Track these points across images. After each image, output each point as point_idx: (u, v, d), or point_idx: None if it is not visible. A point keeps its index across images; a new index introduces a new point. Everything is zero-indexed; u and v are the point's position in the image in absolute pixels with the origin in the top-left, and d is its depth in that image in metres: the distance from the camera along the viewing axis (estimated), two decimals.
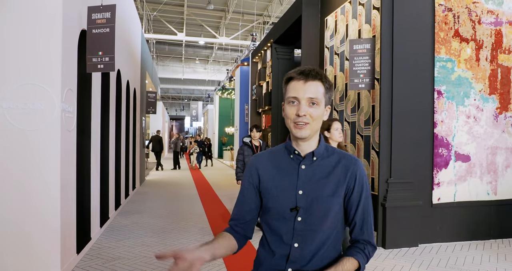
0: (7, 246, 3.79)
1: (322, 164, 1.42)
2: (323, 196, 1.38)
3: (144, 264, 4.51)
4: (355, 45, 5.74)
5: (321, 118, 1.39)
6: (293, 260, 1.38)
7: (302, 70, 1.37)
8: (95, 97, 5.39)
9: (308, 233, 1.38)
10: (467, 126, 5.54)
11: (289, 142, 1.46)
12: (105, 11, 4.51)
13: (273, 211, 1.42)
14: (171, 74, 32.79)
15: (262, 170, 1.46)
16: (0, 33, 3.79)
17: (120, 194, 7.86)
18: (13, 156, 3.81)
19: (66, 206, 4.15)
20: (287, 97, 1.37)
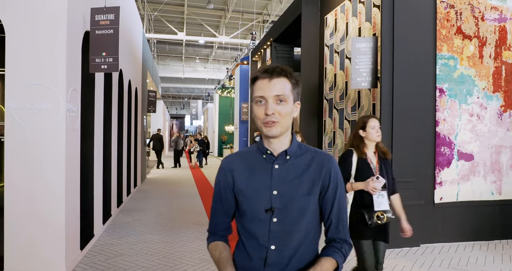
0: (13, 241, 3.86)
1: (295, 163, 1.39)
2: (298, 195, 1.35)
3: (145, 261, 4.54)
4: (358, 43, 5.73)
5: (290, 115, 1.36)
6: (271, 263, 1.34)
7: (266, 69, 1.35)
8: (98, 97, 5.44)
9: (284, 234, 1.34)
10: (470, 124, 5.50)
11: (261, 141, 1.42)
12: (108, 13, 4.56)
13: (248, 213, 1.39)
14: (172, 73, 32.83)
15: (236, 172, 1.42)
16: (7, 36, 3.87)
17: (122, 191, 7.89)
18: (20, 154, 3.88)
19: (71, 203, 4.20)
20: (254, 97, 1.34)
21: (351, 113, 6.85)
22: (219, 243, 1.45)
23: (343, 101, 7.21)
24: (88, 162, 5.14)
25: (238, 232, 1.46)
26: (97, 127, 5.40)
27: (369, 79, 5.67)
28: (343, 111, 7.20)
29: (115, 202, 7.12)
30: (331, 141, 7.74)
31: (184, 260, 4.55)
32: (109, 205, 6.53)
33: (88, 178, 5.13)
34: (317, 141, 8.47)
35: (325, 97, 8.06)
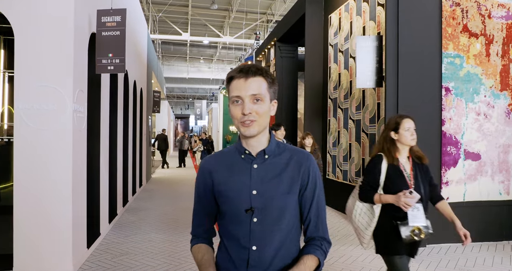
0: (22, 240, 3.90)
1: (274, 162, 1.38)
2: (278, 194, 1.34)
3: (150, 260, 4.57)
4: (362, 42, 5.72)
5: (267, 114, 1.35)
6: (253, 264, 1.33)
7: (241, 68, 1.34)
8: (104, 98, 5.49)
9: (265, 234, 1.33)
10: (477, 123, 5.44)
11: (240, 142, 1.41)
12: (115, 15, 4.62)
13: (229, 214, 1.38)
14: (176, 73, 32.89)
15: (215, 173, 1.41)
16: (16, 39, 3.92)
17: (127, 191, 7.93)
18: (28, 154, 3.93)
19: (77, 203, 4.24)
20: (231, 97, 1.33)
21: (356, 113, 6.84)
22: (202, 246, 1.45)
23: (347, 100, 7.21)
24: (94, 161, 5.17)
25: (220, 234, 1.45)
26: (103, 127, 5.44)
27: (374, 79, 5.66)
28: (347, 111, 7.20)
29: (121, 201, 7.16)
30: (336, 140, 7.73)
31: (189, 259, 4.56)
32: (115, 204, 6.56)
33: (94, 177, 5.16)
34: (322, 141, 8.46)
35: (330, 97, 8.06)
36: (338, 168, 7.60)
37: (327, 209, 7.67)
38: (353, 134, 6.98)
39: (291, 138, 11.17)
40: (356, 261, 4.58)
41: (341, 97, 7.50)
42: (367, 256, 4.75)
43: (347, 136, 7.23)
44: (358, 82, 5.72)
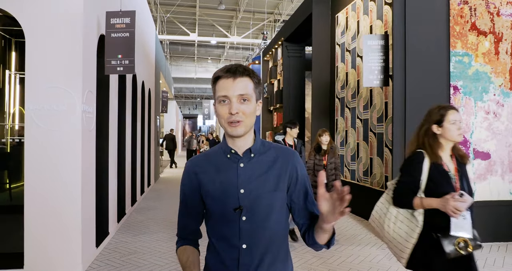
0: (32, 239, 3.95)
1: (260, 160, 1.38)
2: (265, 192, 1.35)
3: (158, 259, 4.60)
4: (369, 41, 5.70)
5: (253, 114, 1.36)
6: (244, 263, 1.33)
7: (228, 68, 1.34)
8: (112, 98, 5.54)
9: (255, 232, 1.34)
10: (487, 122, 5.40)
11: (225, 141, 1.41)
12: (124, 17, 4.67)
13: (217, 214, 1.38)
14: (184, 73, 33.05)
15: (201, 174, 1.41)
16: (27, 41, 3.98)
17: (136, 191, 7.99)
18: (39, 154, 3.99)
19: (86, 203, 4.29)
20: (218, 97, 1.33)
21: (363, 112, 6.82)
22: (187, 247, 1.46)
23: (355, 100, 7.19)
24: (103, 161, 5.22)
25: (208, 235, 1.44)
26: (111, 128, 5.49)
27: (381, 77, 5.64)
28: (355, 110, 7.18)
29: (129, 201, 7.21)
30: (343, 140, 7.71)
31: None
32: (124, 204, 6.62)
33: (103, 177, 5.22)
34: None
35: (337, 96, 8.04)
36: (346, 168, 7.59)
37: None
38: (360, 134, 6.96)
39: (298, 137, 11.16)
40: (364, 261, 4.57)
41: (348, 97, 7.48)
42: (375, 256, 4.74)
43: (354, 135, 7.21)
44: (364, 81, 5.71)
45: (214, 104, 1.36)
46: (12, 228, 5.52)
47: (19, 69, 8.65)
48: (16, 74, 8.57)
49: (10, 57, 8.37)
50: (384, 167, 6.07)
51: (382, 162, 6.13)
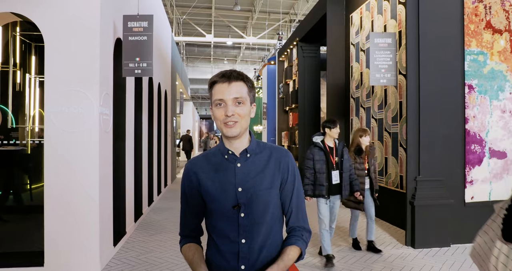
0: (52, 238, 4.07)
1: (256, 160, 1.46)
2: (261, 189, 1.42)
3: (175, 257, 4.69)
4: (376, 39, 5.68)
5: (248, 116, 1.44)
6: (243, 256, 1.41)
7: (223, 73, 1.42)
8: (129, 100, 5.65)
9: (253, 228, 1.42)
10: (503, 121, 5.34)
11: (222, 143, 1.49)
12: (142, 20, 4.78)
13: (216, 211, 1.45)
14: (201, 74, 33.28)
15: (200, 174, 1.48)
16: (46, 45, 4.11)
17: (152, 191, 8.12)
18: (58, 155, 4.11)
19: (104, 203, 4.40)
20: (214, 100, 1.41)
21: (378, 112, 6.80)
22: (191, 245, 1.53)
23: (369, 99, 7.17)
24: (120, 162, 5.34)
25: (208, 232, 1.52)
26: (128, 129, 5.61)
27: (388, 76, 5.61)
28: (370, 110, 7.16)
29: (146, 201, 7.34)
30: None
31: None
32: (141, 204, 6.74)
33: (120, 178, 5.33)
34: (344, 140, 8.43)
35: (352, 96, 8.03)
36: None
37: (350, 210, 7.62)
38: (375, 134, 6.94)
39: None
40: (378, 261, 4.57)
41: (363, 96, 7.47)
42: (408, 254, 4.73)
43: (369, 135, 7.18)
44: (371, 79, 5.69)
45: (210, 108, 1.45)
46: (33, 227, 5.71)
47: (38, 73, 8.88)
48: (36, 77, 8.80)
49: (30, 61, 8.60)
50: (399, 166, 6.04)
51: (397, 161, 6.11)
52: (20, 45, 7.53)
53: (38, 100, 8.94)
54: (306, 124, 11.13)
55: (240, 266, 1.41)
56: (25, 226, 5.96)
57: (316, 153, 4.42)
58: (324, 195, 4.36)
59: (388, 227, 6.13)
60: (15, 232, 5.54)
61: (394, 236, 5.65)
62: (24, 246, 4.88)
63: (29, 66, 8.63)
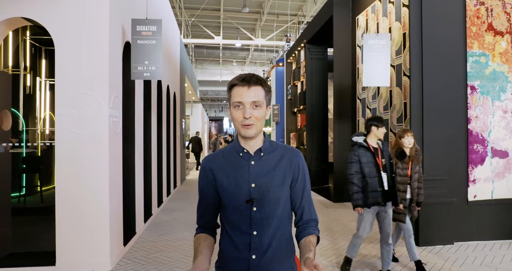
0: (64, 238, 4.22)
1: (268, 158, 1.56)
2: (273, 186, 1.53)
3: (184, 257, 4.81)
4: (370, 40, 5.71)
5: (264, 118, 1.53)
6: (255, 247, 1.51)
7: (243, 77, 1.51)
8: (138, 103, 5.79)
9: (264, 221, 1.52)
10: (504, 121, 5.41)
11: (238, 141, 1.58)
12: (150, 25, 4.90)
13: (230, 205, 1.55)
14: (210, 76, 33.50)
15: (216, 170, 1.58)
16: (57, 49, 4.26)
17: (162, 192, 8.26)
18: (69, 157, 4.24)
19: (114, 203, 4.54)
20: (233, 102, 1.50)
21: (384, 113, 6.87)
22: (201, 235, 1.63)
23: (375, 101, 7.24)
24: (130, 164, 5.48)
25: (223, 223, 1.63)
26: (137, 131, 5.75)
27: (381, 77, 5.63)
28: (375, 111, 7.23)
29: (156, 202, 7.48)
30: None
31: None
32: (150, 205, 6.88)
33: (129, 179, 5.48)
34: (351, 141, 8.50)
35: (358, 97, 8.10)
36: None
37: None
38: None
39: (321, 139, 11.24)
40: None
41: (369, 97, 7.54)
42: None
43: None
44: (365, 80, 5.72)
45: (228, 108, 1.56)
46: (44, 228, 5.89)
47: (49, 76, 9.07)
48: (46, 81, 8.99)
49: (41, 65, 8.80)
50: None
51: None
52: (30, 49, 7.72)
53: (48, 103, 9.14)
54: (314, 126, 11.21)
55: (251, 255, 1.51)
56: (37, 227, 6.13)
57: (363, 154, 3.88)
58: (380, 202, 3.80)
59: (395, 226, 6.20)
60: (26, 233, 5.71)
61: None
62: (36, 247, 5.03)
63: (40, 69, 8.82)
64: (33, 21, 4.35)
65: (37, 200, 7.86)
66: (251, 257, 1.52)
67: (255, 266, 1.51)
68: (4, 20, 4.23)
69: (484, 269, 4.29)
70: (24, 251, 4.82)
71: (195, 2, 20.13)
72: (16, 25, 4.58)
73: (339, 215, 7.27)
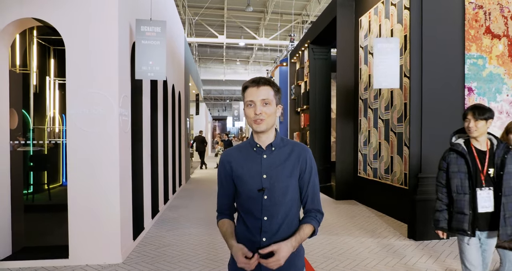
0: (76, 233, 4.41)
1: (279, 153, 1.75)
2: (282, 177, 1.71)
3: (191, 250, 5.01)
4: (379, 44, 5.90)
5: (274, 114, 1.72)
6: (265, 230, 1.70)
7: (253, 80, 1.72)
8: (145, 102, 5.97)
9: (273, 208, 1.70)
10: (500, 122, 5.58)
11: (252, 137, 1.78)
12: (154, 26, 5.01)
13: (244, 193, 1.75)
14: (213, 75, 33.71)
15: (233, 163, 1.78)
16: (67, 49, 4.41)
17: (168, 190, 8.46)
18: (80, 155, 4.42)
19: (124, 200, 4.73)
20: (246, 101, 1.70)
21: (385, 113, 7.05)
22: (225, 221, 1.84)
23: (377, 101, 7.41)
24: (138, 161, 5.67)
25: (238, 210, 1.84)
26: (145, 130, 5.93)
27: (391, 79, 5.81)
28: (377, 111, 7.40)
29: (162, 199, 7.68)
30: (366, 139, 7.94)
31: (226, 249, 4.97)
32: (157, 202, 7.08)
33: (138, 176, 5.67)
34: (353, 140, 8.68)
35: (360, 97, 8.27)
36: (369, 166, 7.81)
37: (360, 206, 7.89)
38: (382, 134, 7.18)
39: (324, 138, 11.41)
40: (381, 251, 4.83)
41: (371, 98, 7.71)
42: (408, 246, 4.99)
43: (377, 135, 7.44)
44: (375, 83, 5.91)
45: (244, 108, 1.76)
46: (55, 224, 6.11)
47: (57, 75, 9.24)
48: (55, 80, 9.16)
49: (49, 64, 8.97)
50: (404, 165, 6.29)
51: (402, 160, 6.35)
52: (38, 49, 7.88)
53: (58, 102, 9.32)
54: (317, 125, 11.38)
55: (262, 238, 1.70)
56: (47, 224, 6.32)
57: (453, 161, 2.92)
58: (465, 230, 2.83)
59: (393, 222, 6.39)
60: (38, 229, 5.90)
61: (398, 229, 5.91)
62: (48, 241, 5.23)
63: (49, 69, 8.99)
64: (44, 21, 4.48)
65: (45, 197, 8.06)
66: (261, 239, 1.70)
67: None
68: (15, 21, 4.38)
69: None
70: (38, 245, 5.01)
71: (199, 1, 20.28)
72: (26, 25, 4.70)
73: (341, 211, 7.44)
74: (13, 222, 4.58)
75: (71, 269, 4.29)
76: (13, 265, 4.33)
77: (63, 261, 4.40)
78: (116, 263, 4.49)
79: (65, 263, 4.39)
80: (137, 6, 5.60)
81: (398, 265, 4.39)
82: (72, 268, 4.32)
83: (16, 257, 4.45)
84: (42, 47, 8.60)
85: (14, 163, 4.64)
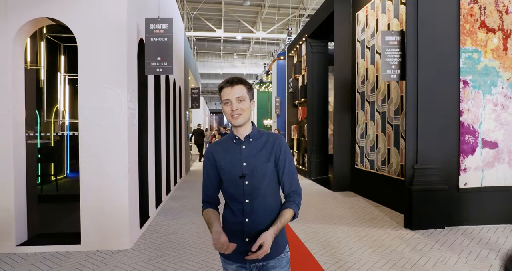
0: (88, 220, 4.62)
1: (256, 143, 1.95)
2: (260, 163, 1.91)
3: (195, 238, 5.22)
4: (387, 37, 6.08)
5: (249, 109, 1.91)
6: (247, 212, 1.90)
7: (228, 80, 1.90)
8: (150, 96, 6.15)
9: (254, 191, 1.90)
10: (495, 114, 5.76)
11: (232, 131, 1.98)
12: (162, 23, 5.24)
13: (228, 180, 1.94)
14: (211, 69, 33.81)
15: (216, 154, 1.98)
16: (79, 47, 4.60)
17: (170, 181, 8.66)
18: (92, 146, 4.62)
19: (132, 189, 4.93)
20: (223, 100, 1.89)
21: (381, 105, 7.23)
22: (209, 210, 2.01)
23: (374, 94, 7.60)
24: (144, 153, 5.86)
25: (224, 197, 2.02)
26: (150, 123, 6.12)
27: (398, 72, 6.02)
28: (374, 104, 7.59)
29: (165, 190, 7.88)
30: (364, 132, 8.14)
31: None
32: (160, 193, 7.27)
33: (144, 167, 5.86)
34: (351, 133, 8.88)
35: (358, 91, 8.46)
36: (366, 158, 8.02)
37: (357, 197, 8.12)
38: (379, 126, 7.38)
39: (322, 131, 11.60)
40: (378, 239, 5.04)
41: (368, 91, 7.89)
42: (405, 234, 5.20)
43: (374, 127, 7.63)
44: (382, 75, 6.09)
45: (221, 106, 1.96)
46: (65, 213, 6.32)
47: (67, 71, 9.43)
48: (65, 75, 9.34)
49: (60, 61, 9.16)
50: (400, 156, 6.49)
51: (398, 151, 6.56)
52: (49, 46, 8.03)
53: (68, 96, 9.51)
54: (314, 118, 11.56)
55: (245, 219, 1.90)
56: (57, 212, 6.51)
57: None
58: None
59: (390, 212, 6.60)
60: (49, 218, 6.09)
61: (394, 219, 6.12)
62: (60, 229, 5.47)
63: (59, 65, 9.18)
64: (57, 21, 4.68)
65: (53, 188, 8.26)
66: (245, 220, 1.91)
67: (248, 227, 1.89)
68: (31, 20, 4.57)
69: (471, 249, 4.69)
70: (52, 232, 5.24)
71: None
72: (40, 24, 4.90)
73: (338, 202, 7.65)
74: (28, 211, 4.79)
75: (83, 254, 4.50)
76: (29, 250, 4.57)
77: (75, 246, 4.62)
78: (125, 248, 4.69)
79: (77, 249, 4.60)
80: (144, 6, 5.80)
81: (394, 253, 4.59)
82: (84, 253, 4.53)
83: (32, 242, 4.67)
84: (53, 45, 8.78)
85: (27, 155, 4.82)
